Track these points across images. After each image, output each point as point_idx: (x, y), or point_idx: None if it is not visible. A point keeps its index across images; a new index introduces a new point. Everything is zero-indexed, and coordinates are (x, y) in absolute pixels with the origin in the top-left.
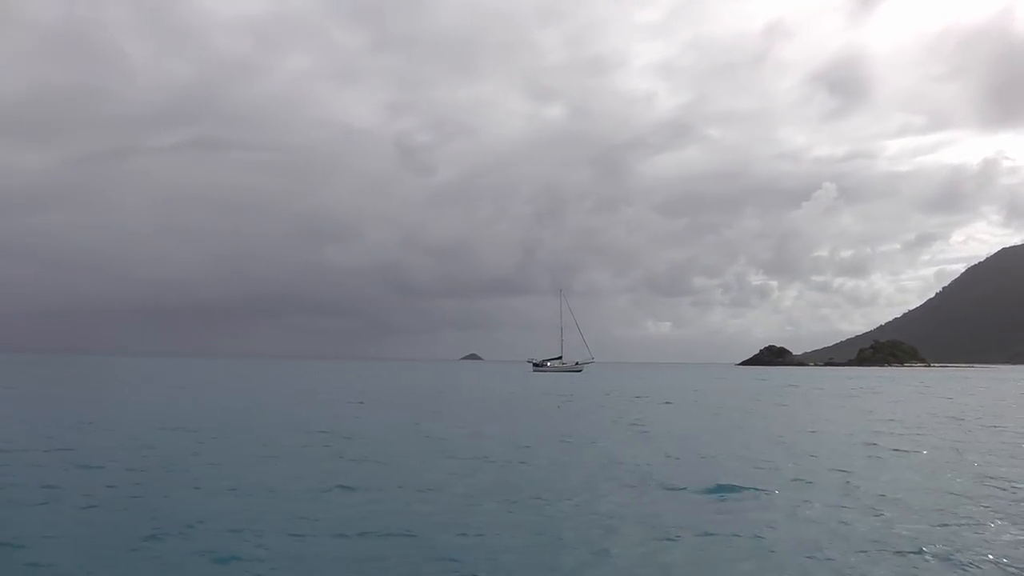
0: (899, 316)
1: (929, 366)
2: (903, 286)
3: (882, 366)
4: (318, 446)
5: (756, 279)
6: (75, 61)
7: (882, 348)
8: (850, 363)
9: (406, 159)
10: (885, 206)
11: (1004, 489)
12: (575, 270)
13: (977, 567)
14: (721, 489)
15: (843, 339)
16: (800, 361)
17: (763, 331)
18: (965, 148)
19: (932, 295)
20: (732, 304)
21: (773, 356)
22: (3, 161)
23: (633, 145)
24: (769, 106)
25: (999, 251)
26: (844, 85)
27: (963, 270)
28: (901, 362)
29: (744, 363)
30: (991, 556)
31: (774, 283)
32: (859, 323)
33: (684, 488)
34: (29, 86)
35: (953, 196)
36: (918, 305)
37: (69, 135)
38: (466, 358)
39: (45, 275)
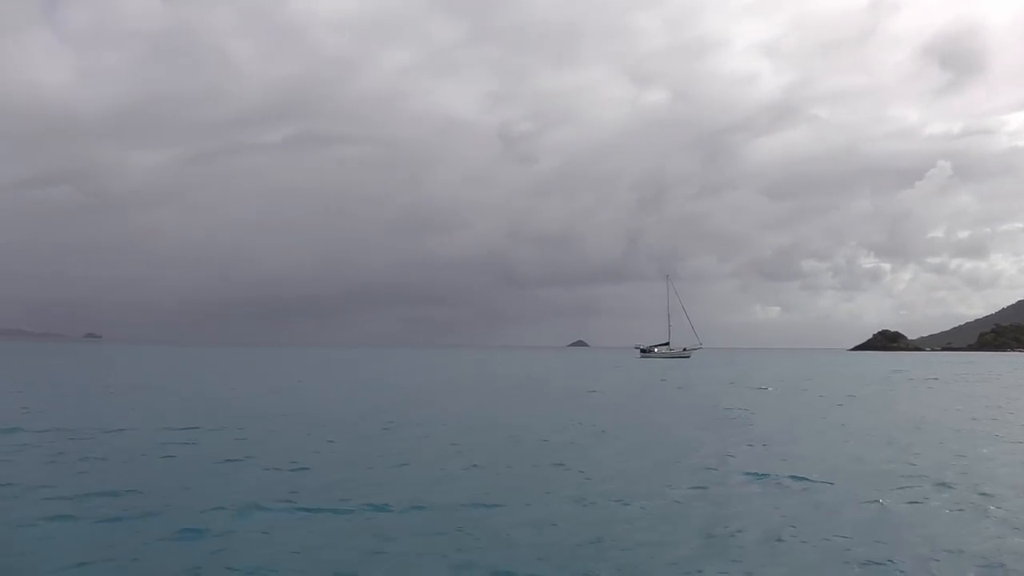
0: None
1: None
2: None
3: (1004, 351)
4: (409, 427)
5: (867, 262)
6: (183, 65)
7: (1004, 332)
8: (970, 348)
9: (508, 149)
10: (1005, 183)
11: None
12: (680, 256)
13: None
14: (795, 480)
15: (962, 323)
16: (916, 346)
17: (876, 316)
18: None
19: None
20: (843, 288)
21: (887, 341)
22: (118, 162)
23: (737, 128)
24: (878, 83)
25: None
26: (958, 58)
27: None
28: None
29: (856, 348)
30: None
31: (887, 266)
32: (979, 306)
33: (759, 476)
34: (140, 90)
35: None
36: None
37: (179, 136)
38: (573, 345)
39: (158, 271)
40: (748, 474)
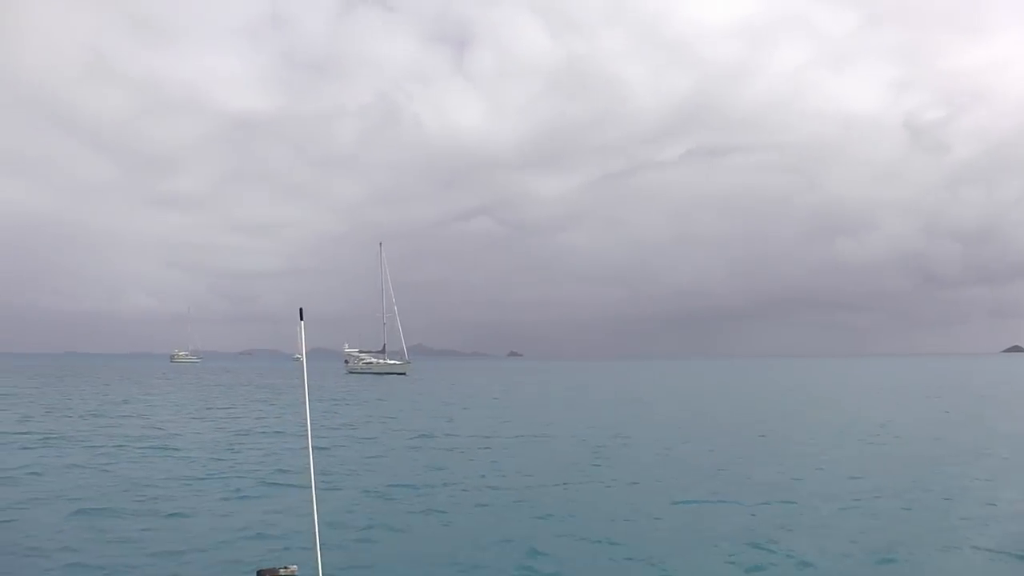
0: None
1: None
2: None
3: None
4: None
5: None
6: (580, 93)
7: None
8: None
9: (916, 139)
10: None
11: None
12: None
13: None
14: None
15: None
16: None
17: None
18: None
19: None
20: None
21: None
22: (530, 190)
23: None
24: None
25: None
26: None
27: None
28: None
29: None
30: None
31: None
32: None
33: None
34: (544, 122)
35: None
36: None
37: (583, 160)
38: (1008, 351)
39: (571, 290)
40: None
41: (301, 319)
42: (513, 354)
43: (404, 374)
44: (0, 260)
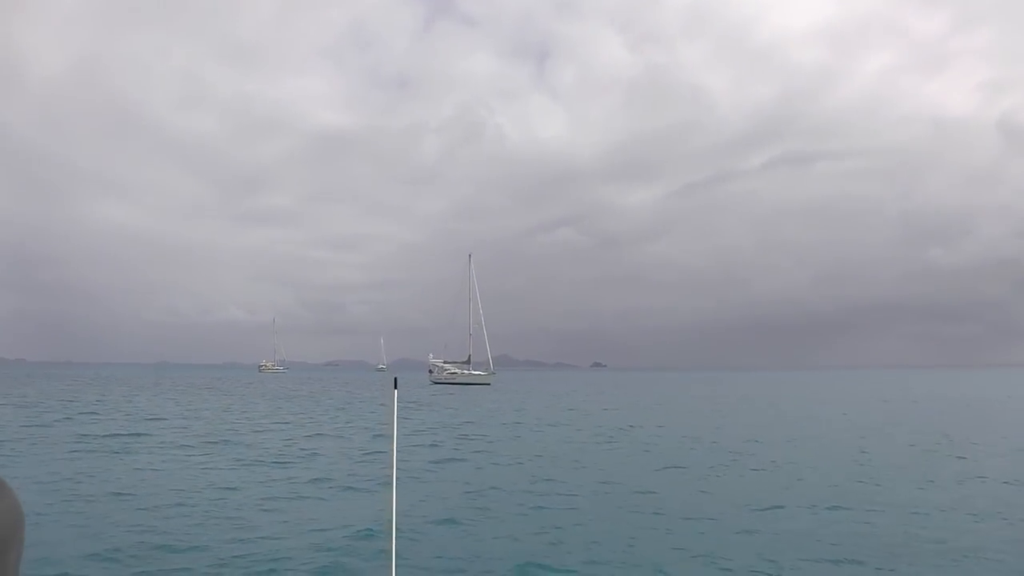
0: None
1: None
2: None
3: None
4: None
5: None
6: (661, 104)
7: None
8: None
9: (1012, 141)
10: None
11: None
12: None
13: None
14: None
15: None
16: None
17: None
18: None
19: None
20: None
21: None
22: (615, 202)
23: None
24: None
25: None
26: None
27: None
28: None
29: None
30: None
31: None
32: None
33: None
34: (628, 134)
35: None
36: None
37: (668, 170)
38: None
39: (654, 301)
40: None
41: (395, 387)
42: (597, 364)
43: (488, 384)
44: (104, 275)
